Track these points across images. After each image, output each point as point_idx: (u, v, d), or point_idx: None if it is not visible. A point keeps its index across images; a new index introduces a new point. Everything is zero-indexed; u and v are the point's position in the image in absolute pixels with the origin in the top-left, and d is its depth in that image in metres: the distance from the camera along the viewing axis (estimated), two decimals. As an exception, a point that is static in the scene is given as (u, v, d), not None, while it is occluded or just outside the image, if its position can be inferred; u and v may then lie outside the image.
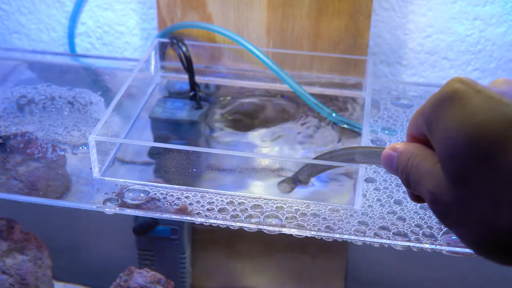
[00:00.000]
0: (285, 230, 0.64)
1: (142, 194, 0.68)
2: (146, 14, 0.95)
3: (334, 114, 0.80)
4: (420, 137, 0.42)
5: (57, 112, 0.82)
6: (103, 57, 0.97)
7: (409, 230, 0.64)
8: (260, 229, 0.64)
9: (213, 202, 0.67)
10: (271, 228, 0.64)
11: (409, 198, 0.50)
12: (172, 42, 0.85)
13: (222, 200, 0.67)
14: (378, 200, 0.67)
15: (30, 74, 0.91)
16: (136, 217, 0.91)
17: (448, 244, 0.62)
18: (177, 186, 0.69)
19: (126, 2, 0.94)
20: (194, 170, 0.68)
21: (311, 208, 0.66)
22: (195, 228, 0.96)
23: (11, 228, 0.82)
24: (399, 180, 0.49)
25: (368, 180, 0.70)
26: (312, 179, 0.69)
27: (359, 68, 0.85)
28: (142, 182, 0.69)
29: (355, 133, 0.79)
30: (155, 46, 0.87)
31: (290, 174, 0.67)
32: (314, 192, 0.69)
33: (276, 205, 0.66)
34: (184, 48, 0.83)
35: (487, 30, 0.88)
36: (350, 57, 0.85)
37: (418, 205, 0.66)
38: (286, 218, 0.65)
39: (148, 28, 0.96)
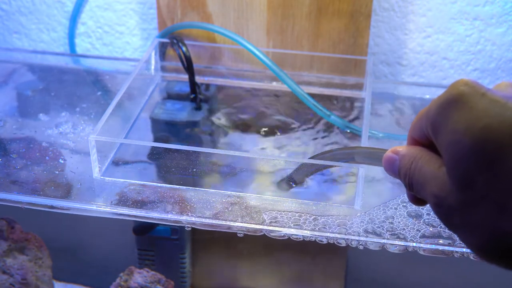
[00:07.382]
0: (284, 231, 0.64)
1: (142, 194, 0.68)
2: (146, 14, 0.95)
3: (332, 116, 0.80)
4: (422, 140, 0.42)
5: (56, 113, 0.82)
6: (103, 57, 0.97)
7: (409, 230, 0.64)
8: (259, 230, 0.64)
9: (213, 202, 0.67)
10: (270, 228, 0.64)
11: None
12: (172, 42, 0.85)
13: (222, 200, 0.67)
14: (378, 199, 0.67)
15: (31, 75, 0.91)
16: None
17: (449, 244, 0.62)
18: (177, 186, 0.69)
19: (126, 2, 0.94)
20: (194, 170, 0.68)
21: (311, 208, 0.66)
22: (195, 228, 0.96)
23: (12, 228, 0.82)
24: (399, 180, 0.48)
25: (368, 179, 0.70)
26: (311, 179, 0.69)
27: (359, 68, 0.85)
28: (142, 182, 0.69)
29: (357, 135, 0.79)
30: (155, 46, 0.87)
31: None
32: (314, 192, 0.69)
33: (275, 206, 0.66)
34: (184, 48, 0.83)
35: (486, 30, 0.88)
36: (350, 57, 0.85)
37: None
38: (285, 218, 0.65)
39: (148, 28, 0.96)
